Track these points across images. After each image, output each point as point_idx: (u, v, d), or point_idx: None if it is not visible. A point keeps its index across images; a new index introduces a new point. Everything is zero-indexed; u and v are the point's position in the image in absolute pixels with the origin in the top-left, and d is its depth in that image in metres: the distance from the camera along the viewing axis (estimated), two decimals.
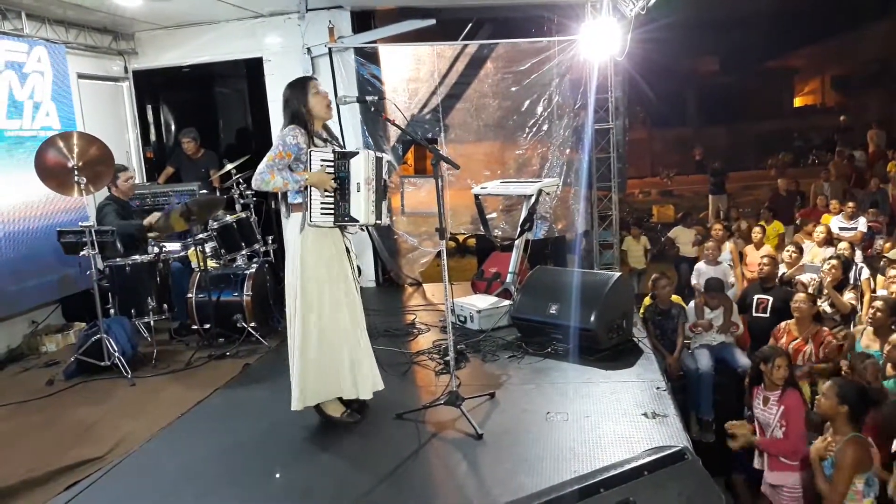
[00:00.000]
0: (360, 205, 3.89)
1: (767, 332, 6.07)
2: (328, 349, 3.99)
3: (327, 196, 3.87)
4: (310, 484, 3.60)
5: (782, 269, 7.19)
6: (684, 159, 22.76)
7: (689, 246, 9.51)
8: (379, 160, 4.03)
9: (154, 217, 5.99)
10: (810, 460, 4.08)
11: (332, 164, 3.89)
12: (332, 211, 3.88)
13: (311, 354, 3.97)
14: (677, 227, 10.54)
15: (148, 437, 4.23)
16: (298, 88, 4.01)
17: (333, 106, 4.24)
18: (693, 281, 7.43)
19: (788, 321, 5.76)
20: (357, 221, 3.92)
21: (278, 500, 3.49)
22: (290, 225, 4.01)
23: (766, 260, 6.76)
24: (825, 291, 6.42)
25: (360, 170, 3.89)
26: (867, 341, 5.24)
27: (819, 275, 6.69)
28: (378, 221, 4.05)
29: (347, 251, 4.10)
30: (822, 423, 4.28)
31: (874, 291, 6.52)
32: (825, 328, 5.64)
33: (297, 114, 3.96)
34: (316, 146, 3.95)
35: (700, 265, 7.45)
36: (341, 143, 4.38)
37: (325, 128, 4.17)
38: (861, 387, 4.13)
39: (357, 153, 3.95)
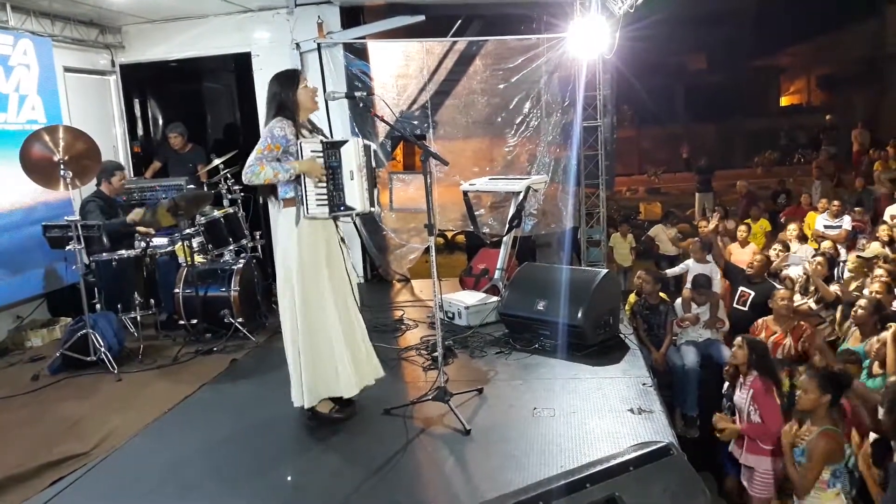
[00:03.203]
0: (355, 193, 3.88)
1: (744, 324, 6.14)
2: (326, 344, 4.00)
3: (321, 187, 3.86)
4: (298, 479, 3.61)
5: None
6: (672, 157, 22.88)
7: (669, 244, 9.67)
8: (367, 147, 4.04)
9: (137, 213, 5.95)
10: (781, 446, 4.14)
11: (321, 154, 3.88)
12: (326, 202, 3.88)
13: (314, 350, 3.97)
14: (657, 225, 10.65)
15: (134, 432, 4.21)
16: (287, 81, 3.99)
17: (320, 98, 4.24)
18: (677, 271, 7.48)
19: (766, 318, 5.81)
20: (353, 210, 3.91)
21: (266, 495, 3.49)
22: (283, 220, 3.99)
23: (759, 257, 6.82)
24: (811, 289, 6.49)
25: (352, 157, 3.88)
26: (853, 340, 5.29)
27: (804, 266, 6.75)
28: (372, 209, 4.07)
29: (342, 241, 4.11)
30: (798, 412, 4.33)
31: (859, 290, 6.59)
32: (804, 323, 5.70)
33: (285, 105, 3.95)
34: (304, 137, 3.95)
35: (688, 262, 7.50)
36: (327, 134, 4.37)
37: (309, 120, 4.17)
38: (833, 373, 4.19)
39: (346, 141, 3.95)
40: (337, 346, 4.02)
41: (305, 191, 3.85)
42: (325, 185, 3.86)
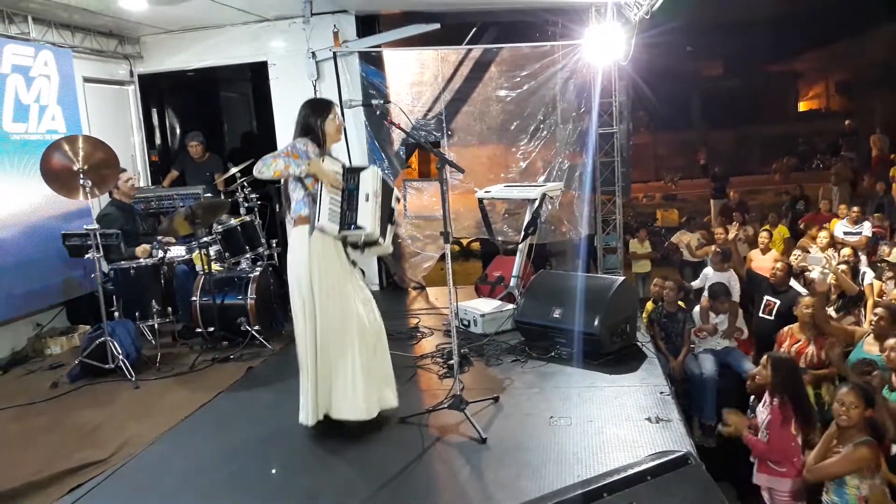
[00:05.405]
0: (368, 214, 3.90)
1: (770, 334, 6.07)
2: (343, 364, 3.99)
3: (334, 204, 3.89)
4: (314, 487, 3.60)
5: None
6: (688, 163, 22.75)
7: (693, 250, 9.55)
8: (386, 182, 4.07)
9: (145, 250, 5.97)
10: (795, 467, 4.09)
11: (341, 176, 3.94)
12: (338, 219, 3.90)
13: (327, 369, 3.98)
14: (681, 231, 10.53)
15: (152, 440, 4.24)
16: (319, 109, 4.07)
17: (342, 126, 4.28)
18: (698, 284, 7.42)
19: (791, 325, 5.75)
20: (363, 229, 3.90)
21: (282, 503, 3.49)
22: (294, 237, 3.99)
23: (780, 265, 6.75)
24: (832, 297, 6.41)
25: (369, 181, 3.92)
26: (868, 347, 5.22)
27: (823, 265, 6.68)
28: (381, 239, 4.04)
29: (353, 265, 4.09)
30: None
31: (881, 296, 6.50)
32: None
33: (312, 130, 4.01)
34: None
35: (707, 270, 7.45)
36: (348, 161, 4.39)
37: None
38: (866, 385, 4.16)
39: (367, 167, 4.01)
40: (353, 366, 3.99)
41: (319, 204, 3.87)
42: (338, 201, 3.89)
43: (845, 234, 8.80)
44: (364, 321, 4.07)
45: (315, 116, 4.03)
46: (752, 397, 5.43)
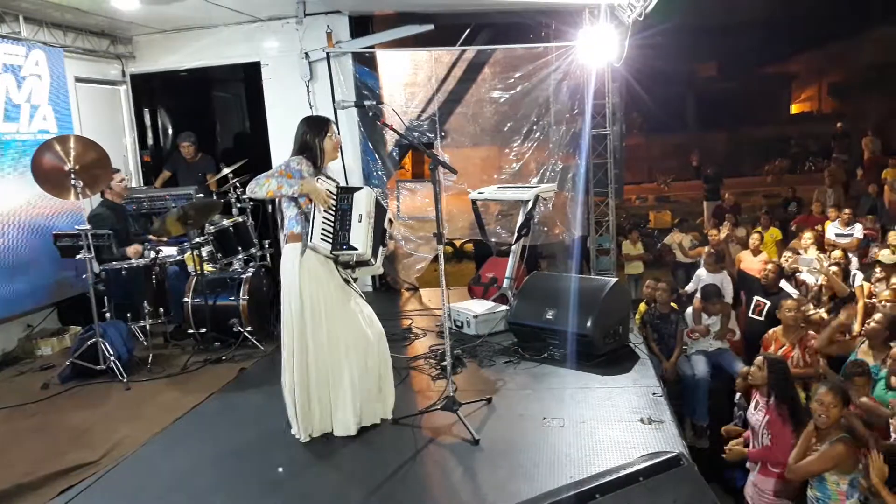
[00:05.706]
0: (360, 235, 3.91)
1: (760, 335, 6.10)
2: (334, 380, 3.99)
3: (327, 224, 3.88)
4: (306, 489, 3.60)
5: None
6: (681, 165, 22.78)
7: (686, 250, 9.57)
8: (380, 203, 4.08)
9: (137, 250, 5.95)
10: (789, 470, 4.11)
11: (335, 196, 3.94)
12: (331, 238, 3.89)
13: (312, 387, 3.98)
14: (674, 232, 10.54)
15: (143, 441, 4.22)
16: (317, 128, 4.05)
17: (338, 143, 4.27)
18: (691, 287, 7.43)
19: (776, 328, 5.77)
20: (355, 250, 3.90)
21: None
22: (286, 254, 3.98)
23: (771, 266, 6.77)
24: (823, 298, 6.43)
25: (363, 202, 3.94)
26: (862, 356, 5.22)
27: (814, 264, 6.70)
28: (373, 260, 4.04)
29: (347, 282, 4.07)
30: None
31: (871, 297, 6.52)
32: (811, 332, 5.65)
33: (309, 147, 4.00)
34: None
35: (700, 272, 7.46)
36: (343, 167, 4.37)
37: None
38: (844, 385, 4.19)
39: (361, 188, 4.03)
40: (351, 388, 3.99)
41: (312, 223, 3.87)
42: (332, 220, 3.89)
43: (837, 235, 8.82)
44: (369, 338, 4.07)
45: (313, 134, 4.02)
46: (739, 394, 5.44)
